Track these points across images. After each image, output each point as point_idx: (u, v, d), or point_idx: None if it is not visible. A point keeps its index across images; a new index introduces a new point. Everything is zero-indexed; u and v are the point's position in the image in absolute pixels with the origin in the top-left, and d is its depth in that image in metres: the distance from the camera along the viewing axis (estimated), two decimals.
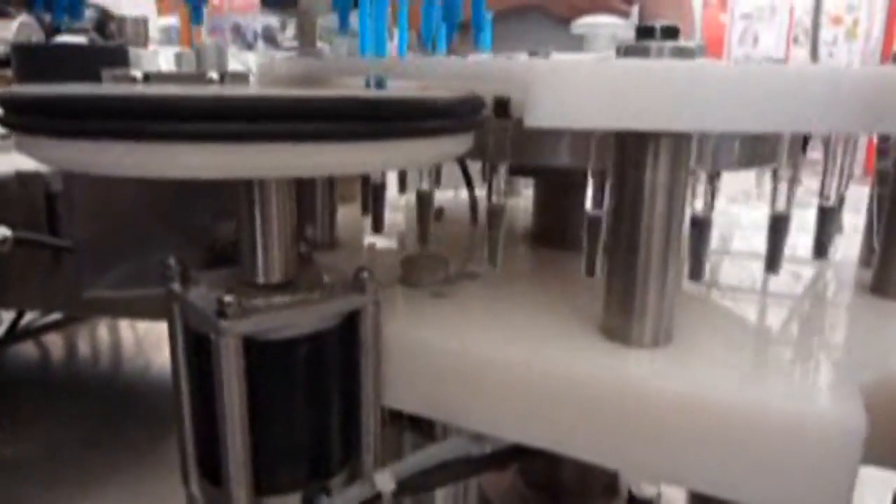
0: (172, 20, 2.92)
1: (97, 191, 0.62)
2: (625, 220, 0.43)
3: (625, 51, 0.42)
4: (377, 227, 0.64)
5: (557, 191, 0.70)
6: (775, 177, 0.51)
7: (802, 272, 0.65)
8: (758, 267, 0.67)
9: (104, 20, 1.13)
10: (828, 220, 0.54)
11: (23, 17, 1.06)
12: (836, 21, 4.09)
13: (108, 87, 0.32)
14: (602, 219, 0.49)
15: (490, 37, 0.70)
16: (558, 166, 0.56)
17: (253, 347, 0.41)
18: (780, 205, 0.50)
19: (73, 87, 0.33)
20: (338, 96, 0.34)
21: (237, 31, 4.08)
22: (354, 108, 0.34)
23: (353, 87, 0.57)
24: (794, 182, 0.49)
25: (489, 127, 0.48)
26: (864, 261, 0.65)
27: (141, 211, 0.64)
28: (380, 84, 0.51)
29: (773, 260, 0.51)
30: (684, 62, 0.39)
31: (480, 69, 0.43)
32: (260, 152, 0.33)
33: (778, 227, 0.50)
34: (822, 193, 0.52)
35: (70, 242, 0.60)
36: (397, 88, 0.52)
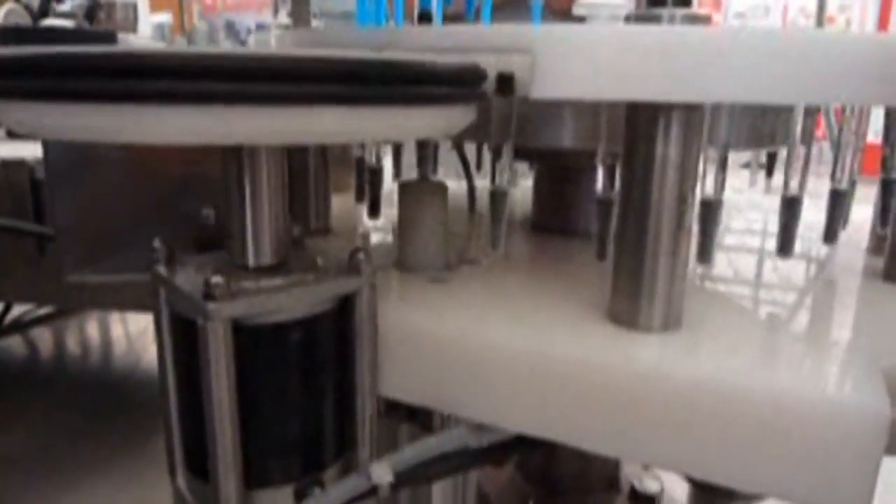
0: (165, 17, 2.90)
1: (82, 176, 0.60)
2: (634, 199, 0.41)
3: (634, 18, 0.40)
4: (373, 211, 0.62)
5: (558, 175, 0.68)
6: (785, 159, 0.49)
7: (811, 258, 0.63)
8: (767, 251, 0.65)
9: (93, 6, 1.11)
10: (839, 204, 0.52)
11: (10, 4, 1.04)
12: (829, 20, 4.10)
13: (81, 48, 0.30)
14: (613, 202, 0.47)
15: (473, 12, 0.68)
16: (561, 148, 0.54)
17: (242, 332, 0.39)
18: (793, 186, 0.48)
19: (42, 48, 0.31)
20: (331, 56, 0.31)
21: (230, 28, 4.05)
22: (349, 70, 0.32)
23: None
24: (807, 162, 0.47)
25: (493, 104, 0.45)
26: (874, 248, 0.63)
27: (127, 196, 0.61)
28: None
29: (785, 243, 0.49)
30: (703, 28, 0.37)
31: (484, 38, 0.41)
32: (247, 115, 0.31)
33: (790, 209, 0.48)
34: (833, 176, 0.50)
35: (52, 229, 0.57)
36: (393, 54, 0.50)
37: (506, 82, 0.44)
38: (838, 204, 0.53)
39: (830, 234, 0.54)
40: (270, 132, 0.32)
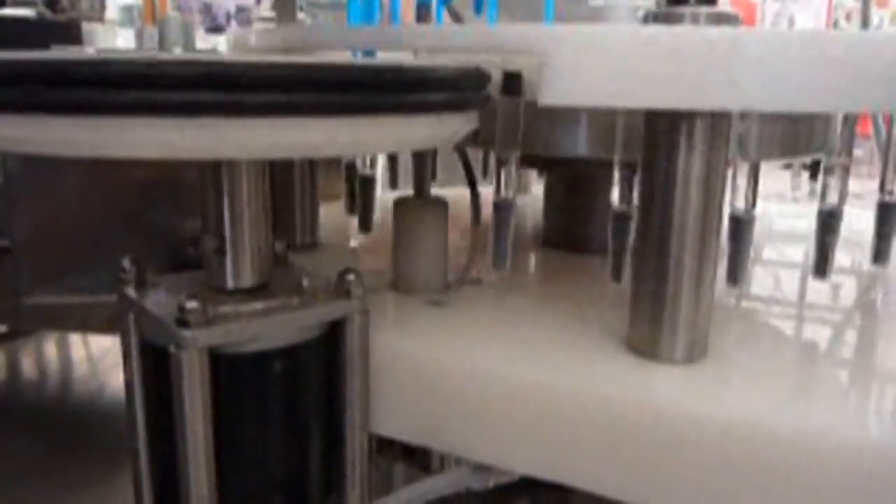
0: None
1: (43, 183, 0.61)
2: (654, 217, 0.42)
3: (653, 17, 0.41)
4: (365, 225, 0.63)
5: (570, 186, 0.69)
6: (821, 168, 0.50)
7: (854, 279, 0.64)
8: (803, 274, 0.66)
9: None
10: (888, 220, 0.52)
11: None
12: (882, 3, 4.10)
13: (41, 54, 0.31)
14: (630, 216, 0.47)
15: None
16: (575, 157, 0.55)
17: (219, 362, 0.40)
18: (831, 200, 0.49)
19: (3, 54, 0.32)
20: (319, 63, 0.32)
21: (207, 11, 4.07)
22: (339, 78, 0.33)
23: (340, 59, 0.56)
24: (847, 173, 0.48)
25: (498, 109, 0.46)
26: None
27: (93, 207, 0.62)
28: (368, 56, 0.50)
29: (821, 263, 0.50)
30: (731, 29, 0.38)
31: (489, 38, 0.42)
32: (228, 128, 0.31)
33: (828, 225, 0.49)
34: (882, 188, 0.51)
35: (7, 242, 0.58)
36: (388, 58, 0.51)
37: (513, 81, 0.46)
38: (887, 220, 0.54)
39: (880, 255, 0.54)
40: (254, 146, 0.33)
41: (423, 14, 0.57)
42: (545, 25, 0.38)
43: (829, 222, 0.49)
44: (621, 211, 0.48)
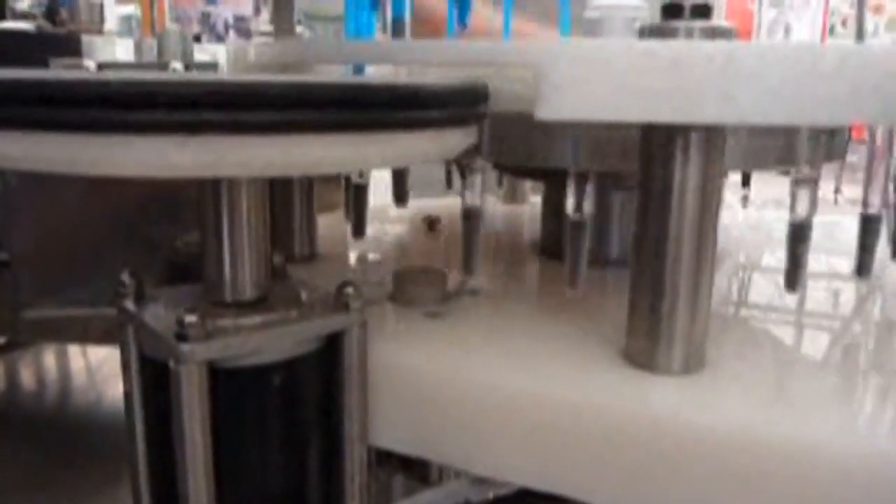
0: (132, 8, 2.93)
1: (41, 198, 0.61)
2: (651, 227, 0.42)
3: (649, 32, 0.41)
4: (358, 231, 0.63)
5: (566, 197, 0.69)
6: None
7: (848, 290, 0.64)
8: (809, 276, 0.66)
9: (54, 5, 1.13)
10: (870, 232, 0.52)
11: None
12: (877, 10, 4.12)
13: (40, 72, 0.31)
14: (585, 224, 0.48)
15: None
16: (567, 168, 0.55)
17: (218, 376, 0.40)
18: (802, 211, 0.49)
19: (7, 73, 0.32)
20: (319, 81, 0.33)
21: (206, 21, 4.10)
22: (338, 95, 0.33)
23: (336, 73, 0.57)
24: (815, 185, 0.48)
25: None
26: None
27: (92, 220, 0.62)
28: (359, 72, 0.50)
29: (792, 275, 0.49)
30: (725, 43, 0.38)
31: (485, 53, 0.42)
32: (228, 146, 0.32)
33: (798, 236, 0.49)
34: (865, 200, 0.51)
35: (6, 255, 0.58)
36: (384, 75, 0.51)
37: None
38: (869, 232, 0.54)
39: (863, 267, 0.54)
40: (253, 164, 0.33)
41: None
42: (540, 40, 0.38)
43: (799, 233, 0.49)
44: (576, 219, 0.49)
